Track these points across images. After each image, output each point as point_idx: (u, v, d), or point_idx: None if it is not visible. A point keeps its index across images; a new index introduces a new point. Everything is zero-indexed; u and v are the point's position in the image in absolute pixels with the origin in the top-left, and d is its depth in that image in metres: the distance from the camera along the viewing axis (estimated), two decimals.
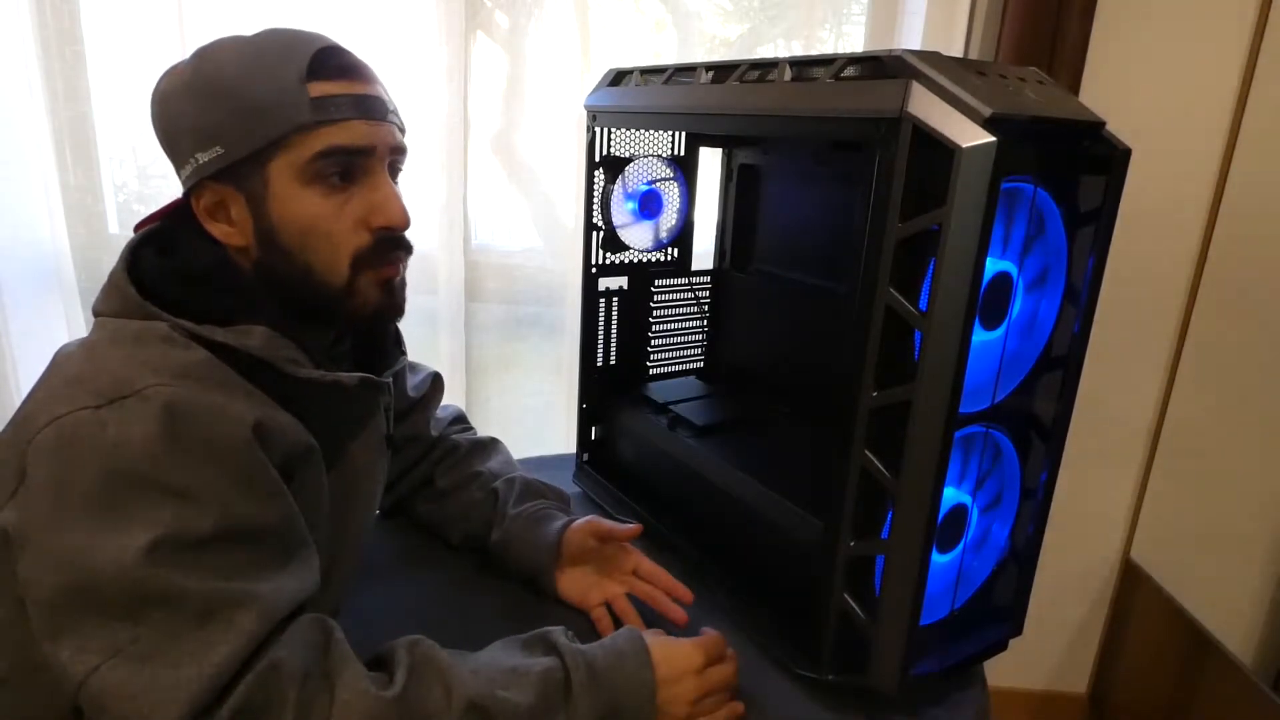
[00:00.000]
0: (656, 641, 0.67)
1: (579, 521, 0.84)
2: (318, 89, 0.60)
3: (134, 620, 0.50)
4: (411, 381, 0.93)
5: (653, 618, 0.80)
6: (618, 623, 0.80)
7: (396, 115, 0.67)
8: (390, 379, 0.73)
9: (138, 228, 0.67)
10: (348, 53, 0.64)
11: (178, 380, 0.54)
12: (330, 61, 0.61)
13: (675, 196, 1.09)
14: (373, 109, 0.63)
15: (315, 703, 0.53)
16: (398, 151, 0.66)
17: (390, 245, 0.65)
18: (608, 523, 0.83)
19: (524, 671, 0.61)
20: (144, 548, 0.50)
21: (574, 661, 0.62)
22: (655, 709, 0.64)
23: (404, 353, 0.82)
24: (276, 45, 0.61)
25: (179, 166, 0.63)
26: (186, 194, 0.64)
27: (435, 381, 0.96)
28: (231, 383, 0.58)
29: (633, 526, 0.81)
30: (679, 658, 0.66)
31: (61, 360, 0.60)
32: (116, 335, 0.59)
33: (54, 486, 0.52)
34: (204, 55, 0.62)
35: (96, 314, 0.63)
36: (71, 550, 0.50)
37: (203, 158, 0.60)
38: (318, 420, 0.64)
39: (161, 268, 0.62)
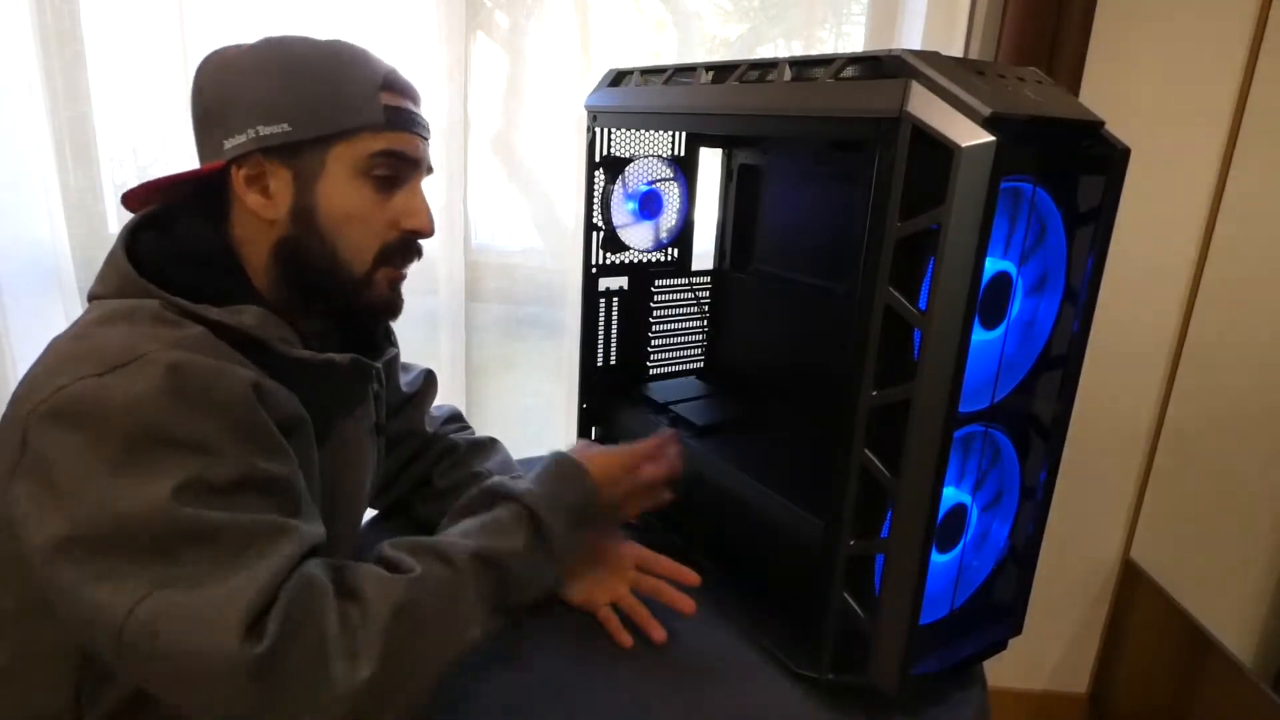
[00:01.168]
0: (588, 454, 0.75)
1: None
2: (388, 99, 0.67)
3: (173, 559, 0.51)
4: (404, 378, 0.93)
5: (660, 610, 0.80)
6: (626, 621, 0.80)
7: (429, 137, 0.74)
8: (380, 366, 0.75)
9: (127, 198, 0.68)
10: (406, 78, 0.71)
11: (177, 348, 0.56)
12: (399, 80, 0.69)
13: (675, 197, 1.09)
14: (423, 128, 0.71)
15: (349, 607, 0.55)
16: (430, 170, 0.73)
17: (411, 249, 0.71)
18: None
19: (496, 521, 0.67)
20: (173, 490, 0.51)
21: (531, 498, 0.69)
22: (604, 507, 0.74)
23: (394, 345, 0.83)
24: (356, 52, 0.68)
25: (228, 135, 0.65)
26: (229, 162, 0.65)
27: (429, 378, 0.96)
28: (227, 354, 0.59)
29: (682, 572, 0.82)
30: (607, 461, 0.75)
31: (54, 344, 0.61)
32: (109, 314, 0.59)
33: (71, 452, 0.52)
34: (278, 42, 0.67)
35: (90, 298, 0.63)
36: (98, 504, 0.51)
37: (265, 130, 0.64)
38: (308, 399, 0.65)
39: (160, 248, 0.64)
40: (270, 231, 0.67)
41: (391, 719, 0.56)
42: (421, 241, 0.72)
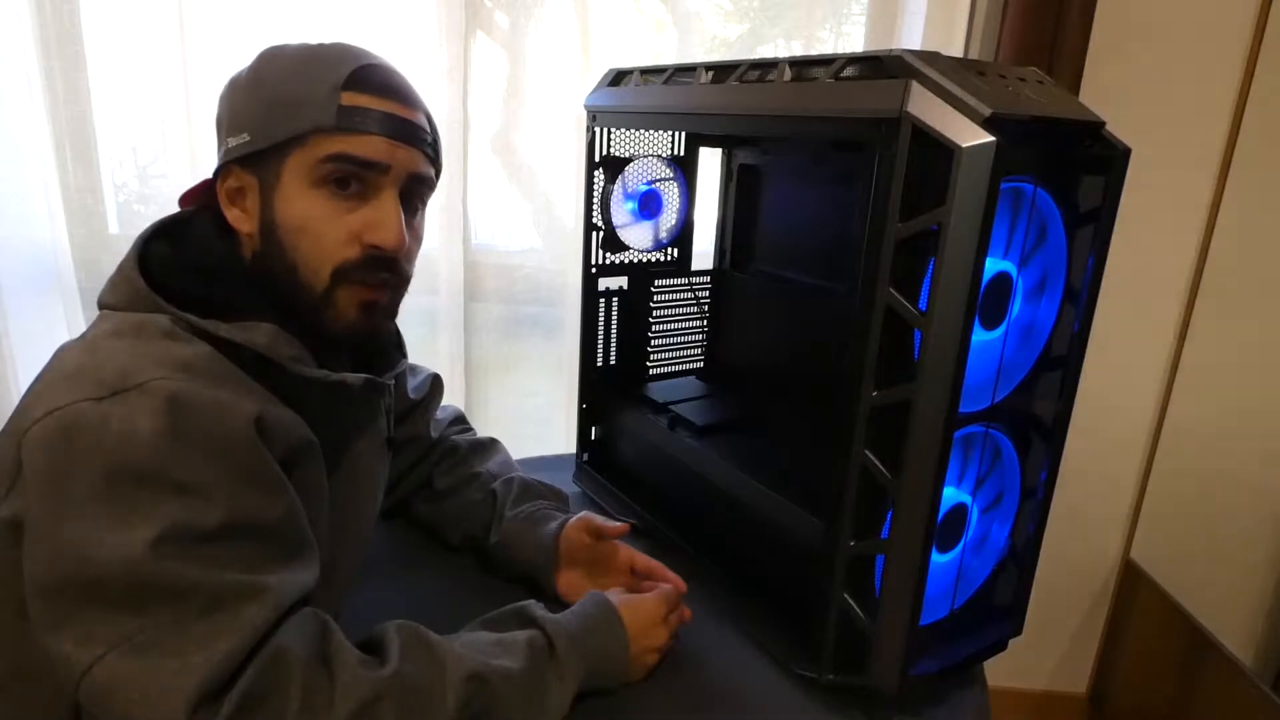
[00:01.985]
0: (622, 600, 0.73)
1: (573, 520, 0.84)
2: (350, 99, 0.61)
3: (139, 612, 0.50)
4: (411, 383, 0.93)
5: None
6: None
7: (431, 147, 0.68)
8: (392, 381, 0.74)
9: (184, 198, 0.70)
10: (396, 75, 0.66)
11: (180, 374, 0.54)
12: (372, 78, 0.63)
13: (675, 196, 1.09)
14: (399, 130, 0.64)
15: (318, 687, 0.53)
16: (418, 180, 0.66)
17: (376, 265, 0.64)
18: (599, 519, 0.83)
19: (510, 642, 0.64)
20: (150, 541, 0.50)
21: (554, 629, 0.66)
22: (629, 659, 0.70)
23: (404, 355, 0.82)
24: (328, 54, 0.64)
25: (219, 149, 0.66)
26: (214, 175, 0.66)
27: (435, 383, 0.96)
28: (234, 378, 0.58)
29: (621, 525, 0.82)
30: (644, 613, 0.73)
31: (62, 354, 0.60)
32: (118, 328, 0.59)
33: (56, 479, 0.51)
34: (260, 55, 0.66)
35: (101, 306, 0.63)
36: (75, 543, 0.50)
37: (232, 142, 0.64)
38: (320, 419, 0.64)
39: (171, 260, 0.63)
40: (250, 244, 0.66)
41: None
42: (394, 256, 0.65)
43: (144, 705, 0.49)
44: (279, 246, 0.63)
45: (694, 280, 1.14)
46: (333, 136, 0.61)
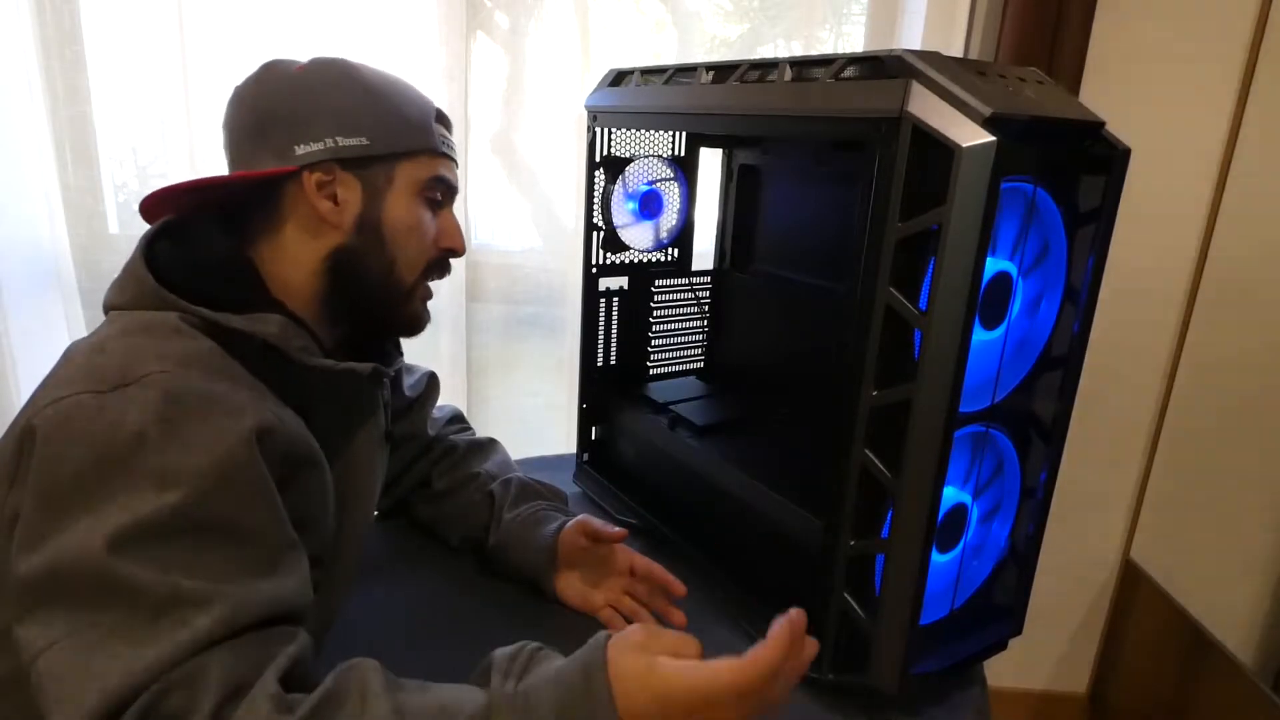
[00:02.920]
0: (627, 643, 0.53)
1: (571, 523, 0.84)
2: (439, 130, 0.74)
3: (95, 608, 0.49)
4: (407, 381, 0.93)
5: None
6: (628, 623, 0.80)
7: None
8: (392, 373, 0.75)
9: (146, 204, 0.67)
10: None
11: (180, 368, 0.55)
12: (444, 114, 0.76)
13: (675, 197, 1.09)
14: (457, 157, 0.78)
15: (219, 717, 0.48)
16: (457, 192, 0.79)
17: (445, 266, 0.77)
18: (596, 522, 0.83)
19: (455, 705, 0.51)
20: (110, 535, 0.49)
21: (498, 702, 0.51)
22: None
23: (400, 353, 0.84)
24: (406, 84, 0.73)
25: (300, 141, 0.66)
26: (301, 167, 0.66)
27: (431, 381, 0.96)
28: (236, 375, 0.58)
29: (619, 530, 0.81)
30: (673, 687, 0.51)
31: (71, 353, 0.60)
32: (127, 327, 0.59)
33: (45, 467, 0.51)
34: (347, 62, 0.70)
35: (109, 308, 0.63)
36: (48, 533, 0.50)
37: (344, 141, 0.67)
38: (322, 413, 0.64)
39: (179, 257, 0.64)
40: (326, 239, 0.68)
41: None
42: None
43: (57, 705, 0.48)
44: (380, 242, 0.70)
45: (694, 280, 1.14)
46: (436, 159, 0.73)
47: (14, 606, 0.51)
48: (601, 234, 1.04)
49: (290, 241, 0.68)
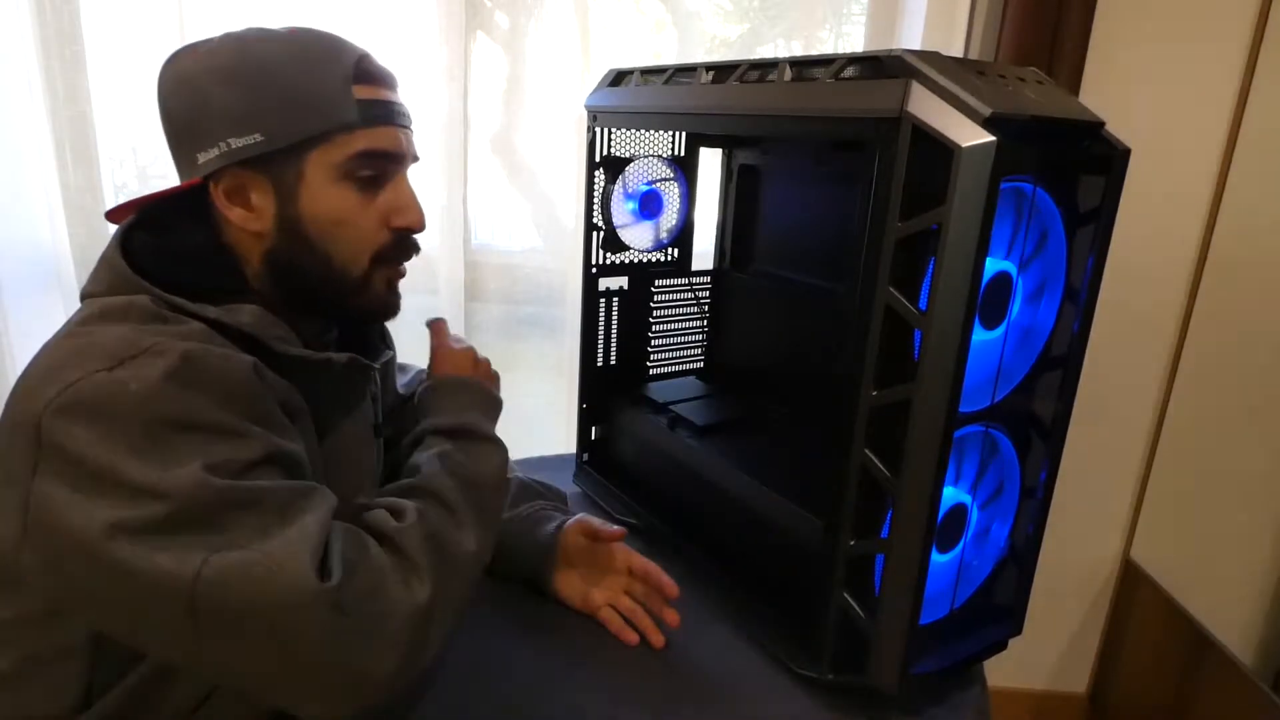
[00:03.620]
0: (436, 365, 0.78)
1: (570, 522, 0.84)
2: (361, 92, 0.63)
3: (221, 527, 0.51)
4: (401, 380, 0.92)
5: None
6: (627, 622, 0.80)
7: (411, 124, 0.70)
8: (378, 366, 0.75)
9: (112, 215, 0.67)
10: (379, 62, 0.67)
11: (179, 338, 0.56)
12: (371, 68, 0.65)
13: (675, 196, 1.09)
14: (402, 117, 0.67)
15: (387, 543, 0.58)
16: (414, 159, 0.70)
17: (406, 246, 0.69)
18: (595, 522, 0.83)
19: (446, 455, 0.68)
20: (204, 468, 0.51)
21: (450, 422, 0.72)
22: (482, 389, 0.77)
23: (390, 348, 0.83)
24: (322, 45, 0.64)
25: (199, 149, 0.62)
26: (205, 177, 0.63)
27: None
28: (229, 346, 0.59)
29: (617, 529, 0.82)
30: (452, 359, 0.78)
31: (48, 347, 0.59)
32: (104, 311, 0.59)
33: (95, 443, 0.51)
34: (242, 43, 0.63)
35: (84, 296, 0.62)
36: (138, 485, 0.50)
37: (237, 143, 0.61)
38: (307, 396, 0.65)
39: (155, 248, 0.63)
40: (259, 242, 0.65)
41: (439, 638, 0.59)
42: (420, 240, 0.70)
43: (270, 578, 0.50)
44: (306, 241, 0.64)
45: (694, 280, 1.14)
46: (357, 133, 0.62)
47: (127, 555, 0.50)
48: (601, 234, 1.04)
49: (237, 243, 0.65)
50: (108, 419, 0.51)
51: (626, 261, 1.08)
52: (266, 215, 0.64)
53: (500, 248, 1.49)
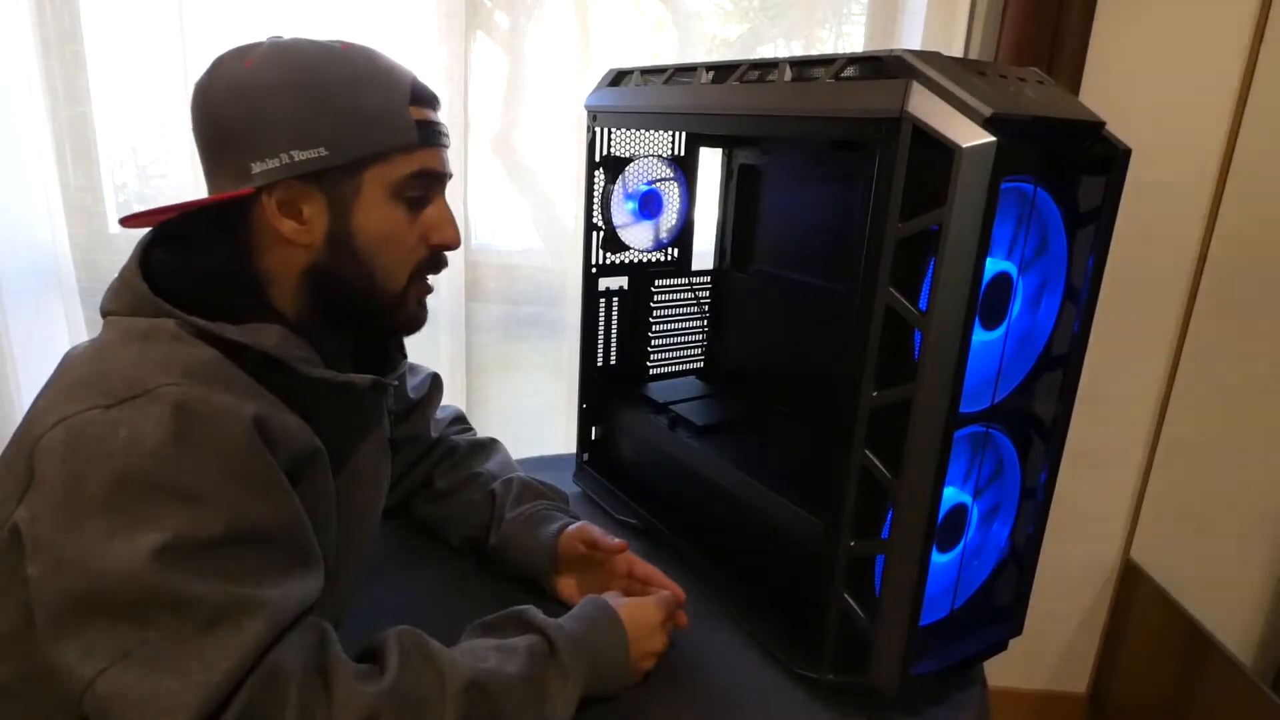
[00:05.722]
0: (621, 604, 0.72)
1: (572, 527, 0.84)
2: (417, 113, 0.64)
3: (142, 624, 0.50)
4: (411, 383, 0.93)
5: None
6: None
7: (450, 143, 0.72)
8: (396, 382, 0.74)
9: (129, 222, 0.65)
10: (426, 84, 0.68)
11: (186, 379, 0.55)
12: (423, 90, 0.66)
13: (675, 196, 1.09)
14: (446, 138, 0.69)
15: (315, 703, 0.53)
16: (450, 177, 0.71)
17: (440, 263, 0.71)
18: (597, 531, 0.82)
19: (510, 649, 0.64)
20: (153, 551, 0.50)
21: (556, 633, 0.66)
22: (630, 663, 0.70)
23: (405, 356, 0.82)
24: (377, 64, 0.64)
25: (255, 158, 0.61)
26: (258, 189, 0.62)
27: (435, 382, 0.96)
28: (239, 382, 0.58)
29: (617, 543, 0.81)
30: (644, 616, 0.72)
31: (71, 361, 0.60)
32: (126, 334, 0.59)
33: (64, 487, 0.51)
34: (292, 54, 0.62)
35: (106, 313, 0.62)
36: (81, 553, 0.50)
37: (300, 155, 0.61)
38: (325, 422, 0.64)
39: (175, 266, 0.62)
40: (301, 256, 0.64)
41: None
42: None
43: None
44: (354, 256, 0.65)
45: (694, 280, 1.14)
46: (414, 153, 0.64)
47: (46, 627, 0.51)
48: (601, 234, 1.04)
49: (272, 257, 0.65)
50: (84, 464, 0.51)
51: (626, 261, 1.08)
52: (317, 229, 0.64)
53: (500, 248, 1.49)
